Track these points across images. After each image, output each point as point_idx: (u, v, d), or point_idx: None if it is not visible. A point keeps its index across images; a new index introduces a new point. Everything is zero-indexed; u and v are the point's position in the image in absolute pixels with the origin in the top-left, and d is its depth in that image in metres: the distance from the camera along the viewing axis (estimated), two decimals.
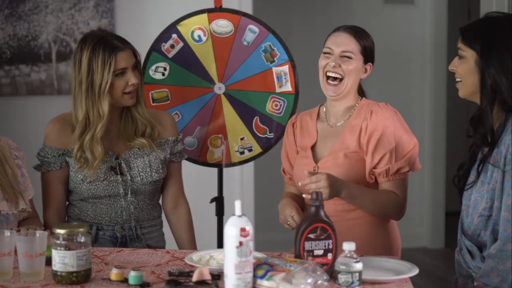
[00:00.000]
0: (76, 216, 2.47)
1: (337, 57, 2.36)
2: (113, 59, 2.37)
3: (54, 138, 2.44)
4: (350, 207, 2.32)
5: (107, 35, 2.44)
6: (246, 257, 1.71)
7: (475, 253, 2.01)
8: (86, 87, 2.38)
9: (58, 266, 1.80)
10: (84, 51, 2.39)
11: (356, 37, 2.37)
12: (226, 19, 2.78)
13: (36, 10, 3.73)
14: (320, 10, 5.08)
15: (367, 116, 2.34)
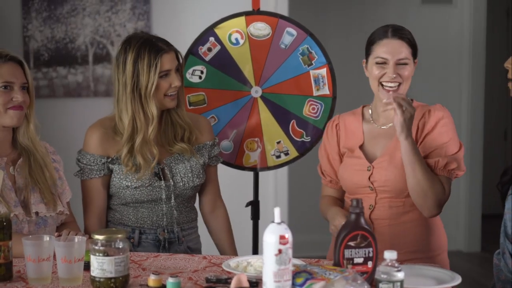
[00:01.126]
0: (117, 221, 2.48)
1: (393, 66, 2.33)
2: (159, 61, 2.37)
3: (96, 145, 2.43)
4: (405, 209, 2.33)
5: (151, 37, 2.44)
6: (285, 265, 1.69)
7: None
8: (131, 89, 2.38)
9: (96, 272, 1.80)
10: (128, 53, 2.38)
11: (407, 41, 2.36)
12: (263, 22, 2.76)
13: (73, 12, 3.76)
14: (357, 11, 5.05)
15: (425, 115, 2.35)
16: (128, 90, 2.38)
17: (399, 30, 2.38)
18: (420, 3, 5.11)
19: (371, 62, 2.37)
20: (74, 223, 2.39)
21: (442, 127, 2.33)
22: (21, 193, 2.25)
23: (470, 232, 5.17)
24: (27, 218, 2.22)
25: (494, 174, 2.60)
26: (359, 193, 2.38)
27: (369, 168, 2.35)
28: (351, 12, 5.04)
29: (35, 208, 2.24)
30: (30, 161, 2.28)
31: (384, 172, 2.32)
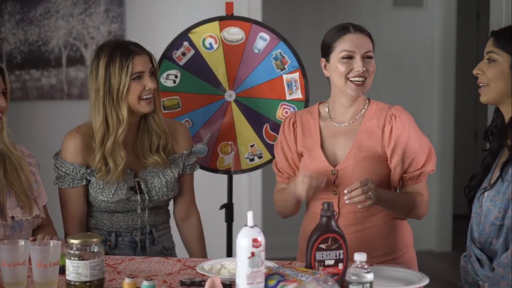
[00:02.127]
0: (92, 226, 2.49)
1: (361, 60, 2.31)
2: (131, 62, 2.37)
3: (75, 153, 2.42)
4: (369, 213, 2.32)
5: (124, 41, 2.46)
6: (258, 267, 1.73)
7: (484, 262, 2.02)
8: (104, 93, 2.38)
9: (71, 276, 1.82)
10: (101, 58, 2.40)
11: (368, 35, 2.37)
12: (237, 27, 2.80)
13: (47, 15, 3.74)
14: (329, 15, 5.08)
15: (390, 120, 2.34)
16: (101, 94, 2.38)
17: (358, 26, 2.38)
18: (392, 6, 5.16)
19: (335, 59, 2.34)
20: (51, 226, 2.40)
21: (411, 132, 2.32)
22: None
23: (441, 232, 5.22)
24: (3, 222, 2.22)
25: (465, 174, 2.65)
26: (322, 197, 2.31)
27: (333, 172, 2.32)
28: (323, 15, 5.07)
29: (11, 212, 2.24)
30: (5, 164, 2.27)
31: (349, 176, 2.29)
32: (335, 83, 2.36)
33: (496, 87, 2.04)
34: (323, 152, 2.35)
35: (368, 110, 2.38)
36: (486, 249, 2.03)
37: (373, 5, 5.16)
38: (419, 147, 2.33)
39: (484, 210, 2.03)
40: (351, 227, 2.31)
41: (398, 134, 2.31)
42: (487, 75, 2.06)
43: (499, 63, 2.03)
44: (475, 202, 2.09)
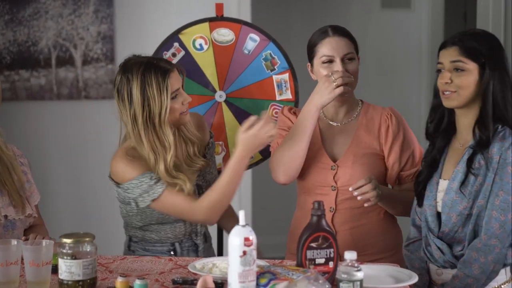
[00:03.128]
0: (154, 241, 2.41)
1: (340, 63, 2.34)
2: (168, 83, 2.22)
3: (132, 169, 2.28)
4: (365, 210, 2.36)
5: (150, 59, 2.30)
6: (250, 266, 1.75)
7: (445, 250, 2.17)
8: (143, 119, 2.23)
9: (64, 275, 1.83)
10: (132, 81, 2.22)
11: (348, 37, 2.39)
12: (227, 28, 2.81)
13: (36, 15, 3.74)
14: (318, 16, 5.10)
15: (386, 119, 2.40)
16: (140, 122, 2.23)
17: (338, 28, 2.41)
18: (380, 8, 5.19)
19: (317, 63, 2.39)
20: (43, 226, 2.41)
21: (406, 132, 2.41)
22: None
23: None
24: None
25: None
26: (319, 193, 2.39)
27: (333, 167, 2.38)
28: (313, 16, 5.09)
29: (4, 211, 2.25)
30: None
31: (349, 171, 2.36)
32: None
33: (466, 93, 2.16)
34: (325, 150, 2.41)
35: (363, 110, 2.44)
36: (446, 238, 2.18)
37: (362, 6, 5.18)
38: (414, 145, 2.41)
39: (448, 201, 2.15)
40: (347, 223, 2.38)
41: (395, 133, 2.38)
42: (456, 84, 2.16)
43: (469, 72, 2.15)
44: (428, 196, 2.22)
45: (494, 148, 2.10)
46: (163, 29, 3.00)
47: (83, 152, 3.89)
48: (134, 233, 2.43)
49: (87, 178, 3.88)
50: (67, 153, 3.86)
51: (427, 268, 2.26)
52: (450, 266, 2.18)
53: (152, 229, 2.40)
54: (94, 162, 3.89)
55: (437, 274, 2.22)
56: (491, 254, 2.08)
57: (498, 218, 2.08)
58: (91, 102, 3.84)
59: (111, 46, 3.78)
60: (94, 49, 3.78)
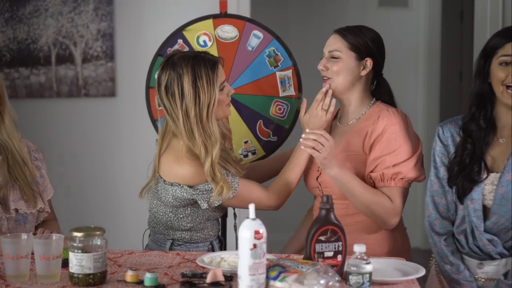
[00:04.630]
0: (200, 240, 2.43)
1: (326, 59, 2.41)
2: (217, 74, 2.25)
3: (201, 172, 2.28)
4: (349, 211, 2.36)
5: (196, 53, 2.31)
6: (260, 259, 1.76)
7: (496, 242, 2.18)
8: (195, 113, 2.23)
9: (75, 268, 1.84)
10: (183, 75, 2.23)
11: (342, 35, 2.40)
12: (231, 25, 2.82)
13: (36, 13, 3.74)
14: (316, 13, 5.11)
15: (375, 121, 2.36)
16: (192, 115, 2.23)
17: (346, 27, 2.43)
18: (377, 6, 5.20)
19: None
20: (55, 222, 2.41)
21: (391, 134, 2.32)
22: (1, 191, 2.28)
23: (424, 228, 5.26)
24: (6, 215, 2.25)
25: None
26: (314, 194, 2.48)
27: (318, 169, 2.41)
28: (310, 13, 5.10)
29: (14, 205, 2.26)
30: (8, 158, 2.29)
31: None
32: None
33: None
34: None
35: (368, 112, 2.43)
36: (493, 231, 2.18)
37: (360, 5, 5.20)
38: (394, 150, 2.31)
39: (507, 193, 2.13)
40: None
41: (377, 134, 2.34)
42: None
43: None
44: (476, 190, 2.18)
45: None
46: (162, 26, 3.01)
47: (83, 150, 3.90)
48: (181, 236, 2.40)
49: (87, 176, 3.88)
50: (67, 151, 3.86)
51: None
52: (500, 257, 2.19)
53: (199, 228, 2.40)
54: (95, 160, 3.89)
55: (478, 268, 2.22)
56: None
57: None
58: (91, 100, 3.85)
59: (111, 44, 3.79)
60: (94, 47, 3.78)
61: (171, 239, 2.40)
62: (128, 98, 3.83)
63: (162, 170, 2.33)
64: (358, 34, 2.41)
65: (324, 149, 2.20)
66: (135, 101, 3.71)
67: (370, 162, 2.33)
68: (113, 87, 3.84)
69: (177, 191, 2.31)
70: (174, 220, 2.38)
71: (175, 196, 2.32)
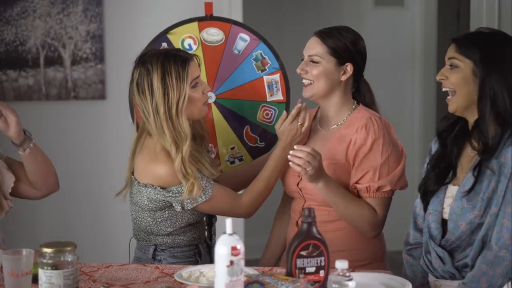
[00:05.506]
0: (183, 244, 2.39)
1: (305, 63, 2.37)
2: (188, 70, 2.24)
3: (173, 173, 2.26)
4: (331, 217, 2.32)
5: (168, 50, 2.30)
6: (237, 276, 1.69)
7: (446, 259, 2.07)
8: (164, 110, 2.23)
9: (44, 286, 1.77)
10: (153, 72, 2.23)
11: (322, 38, 2.36)
12: (216, 28, 2.75)
13: (24, 14, 3.71)
14: (311, 14, 5.07)
15: (359, 129, 2.31)
16: (161, 112, 2.23)
17: (326, 30, 2.38)
18: (373, 6, 5.16)
19: None
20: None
21: (377, 146, 2.28)
22: None
23: None
24: None
25: None
26: (294, 197, 2.43)
27: (299, 174, 2.33)
28: (305, 15, 5.06)
29: None
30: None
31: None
32: None
33: (462, 92, 2.06)
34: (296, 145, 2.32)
35: (350, 117, 2.38)
36: (449, 247, 2.07)
37: (355, 5, 5.15)
38: (381, 162, 2.28)
39: (458, 209, 2.04)
40: None
41: (361, 144, 2.29)
42: (451, 81, 2.08)
43: (462, 69, 2.07)
44: (434, 201, 2.13)
45: (508, 153, 1.98)
46: (153, 28, 2.95)
47: (72, 153, 3.86)
48: (162, 240, 2.37)
49: (77, 179, 3.84)
50: (56, 155, 3.80)
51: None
52: (449, 277, 2.08)
53: (180, 232, 2.37)
54: (84, 163, 3.85)
55: (435, 286, 2.13)
56: (499, 266, 1.96)
57: (509, 227, 1.95)
58: (80, 102, 3.81)
59: (100, 45, 3.76)
60: (83, 49, 3.76)
61: (153, 245, 2.37)
62: (118, 101, 3.78)
63: (137, 171, 2.32)
64: (338, 37, 2.35)
65: (311, 168, 2.14)
66: (126, 103, 3.66)
67: (355, 172, 2.30)
68: (103, 90, 3.80)
69: (151, 192, 2.28)
70: (153, 225, 2.34)
71: (150, 198, 2.29)
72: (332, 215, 2.32)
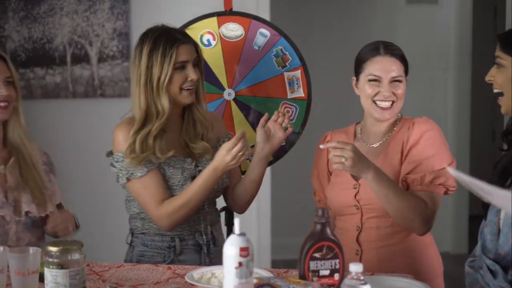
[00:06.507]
0: (154, 232, 2.37)
1: (388, 85, 2.29)
2: (174, 51, 2.28)
3: (126, 143, 2.31)
4: (394, 230, 2.26)
5: (170, 29, 2.35)
6: (246, 278, 1.62)
7: (497, 272, 1.89)
8: (145, 80, 2.28)
9: (50, 286, 1.73)
10: (145, 44, 2.30)
11: (399, 58, 2.32)
12: (236, 23, 2.70)
13: (51, 12, 3.71)
14: (342, 12, 5.02)
15: (410, 127, 2.30)
16: (142, 82, 2.29)
17: (390, 47, 2.33)
18: (405, 3, 5.08)
19: (363, 80, 2.32)
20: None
21: (427, 139, 2.25)
22: (12, 193, 2.26)
23: (457, 233, 5.14)
24: (16, 218, 2.23)
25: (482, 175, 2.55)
26: (346, 213, 2.33)
27: (355, 186, 2.28)
28: (335, 13, 5.01)
29: (26, 207, 2.25)
30: (19, 160, 2.29)
31: (370, 190, 2.20)
32: (363, 104, 2.35)
33: (508, 94, 1.93)
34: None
35: (398, 126, 2.35)
36: (501, 259, 1.89)
37: (387, 2, 5.07)
38: (433, 154, 2.23)
39: (507, 220, 1.87)
40: (373, 242, 2.27)
41: (412, 140, 2.26)
42: (497, 81, 1.96)
43: (506, 68, 1.93)
44: (491, 210, 1.94)
45: None
46: (179, 25, 2.92)
47: (98, 150, 3.82)
48: (135, 224, 2.39)
49: (102, 177, 3.82)
50: (83, 152, 3.83)
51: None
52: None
53: (148, 216, 2.36)
54: None
55: None
56: None
57: None
58: (106, 100, 3.80)
59: (126, 43, 3.75)
60: (109, 46, 3.75)
61: (131, 228, 2.40)
62: None
63: None
64: (402, 51, 2.37)
65: (344, 159, 2.07)
66: None
67: (407, 165, 2.24)
68: (129, 87, 3.77)
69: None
70: (126, 204, 2.39)
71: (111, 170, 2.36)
72: (395, 226, 2.24)
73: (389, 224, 2.25)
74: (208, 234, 2.39)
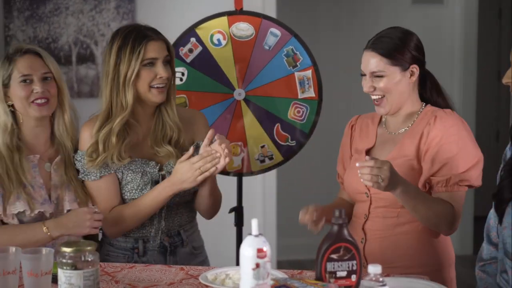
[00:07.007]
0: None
1: (369, 79, 2.24)
2: (143, 48, 2.26)
3: (87, 144, 2.28)
4: (399, 221, 2.22)
5: (141, 26, 2.33)
6: (263, 279, 1.60)
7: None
8: (113, 76, 2.26)
9: (64, 287, 1.70)
10: (115, 41, 2.28)
11: (379, 52, 2.23)
12: (246, 22, 2.68)
13: (56, 11, 3.70)
14: (347, 12, 5.00)
15: (431, 121, 2.21)
16: (109, 78, 2.27)
17: (376, 41, 2.25)
18: (411, 3, 5.06)
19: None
20: None
21: (451, 136, 2.17)
22: (56, 191, 2.26)
23: (462, 235, 5.11)
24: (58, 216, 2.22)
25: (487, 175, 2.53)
26: (357, 200, 2.31)
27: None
28: (341, 12, 4.99)
29: (69, 205, 2.25)
30: (65, 158, 2.28)
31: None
32: None
33: None
34: (366, 156, 2.25)
35: (420, 115, 2.29)
36: None
37: (392, 2, 5.06)
38: (458, 153, 2.16)
39: None
40: (377, 232, 2.24)
41: (434, 136, 2.19)
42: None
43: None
44: (510, 211, 1.89)
45: None
46: (185, 24, 2.90)
47: None
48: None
49: None
50: None
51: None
52: None
53: None
54: None
55: None
56: None
57: None
58: None
59: None
60: None
61: (100, 228, 2.34)
62: None
63: None
64: (393, 43, 2.24)
65: (381, 180, 2.02)
66: None
67: (431, 165, 2.18)
68: None
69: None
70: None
71: None
72: (401, 217, 2.22)
73: (395, 215, 2.22)
74: (176, 235, 2.36)
